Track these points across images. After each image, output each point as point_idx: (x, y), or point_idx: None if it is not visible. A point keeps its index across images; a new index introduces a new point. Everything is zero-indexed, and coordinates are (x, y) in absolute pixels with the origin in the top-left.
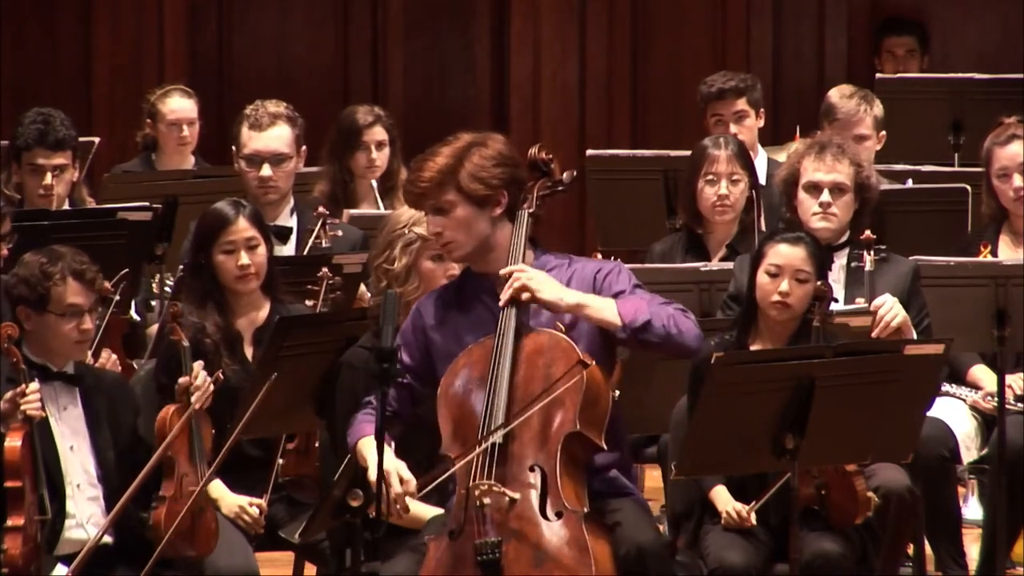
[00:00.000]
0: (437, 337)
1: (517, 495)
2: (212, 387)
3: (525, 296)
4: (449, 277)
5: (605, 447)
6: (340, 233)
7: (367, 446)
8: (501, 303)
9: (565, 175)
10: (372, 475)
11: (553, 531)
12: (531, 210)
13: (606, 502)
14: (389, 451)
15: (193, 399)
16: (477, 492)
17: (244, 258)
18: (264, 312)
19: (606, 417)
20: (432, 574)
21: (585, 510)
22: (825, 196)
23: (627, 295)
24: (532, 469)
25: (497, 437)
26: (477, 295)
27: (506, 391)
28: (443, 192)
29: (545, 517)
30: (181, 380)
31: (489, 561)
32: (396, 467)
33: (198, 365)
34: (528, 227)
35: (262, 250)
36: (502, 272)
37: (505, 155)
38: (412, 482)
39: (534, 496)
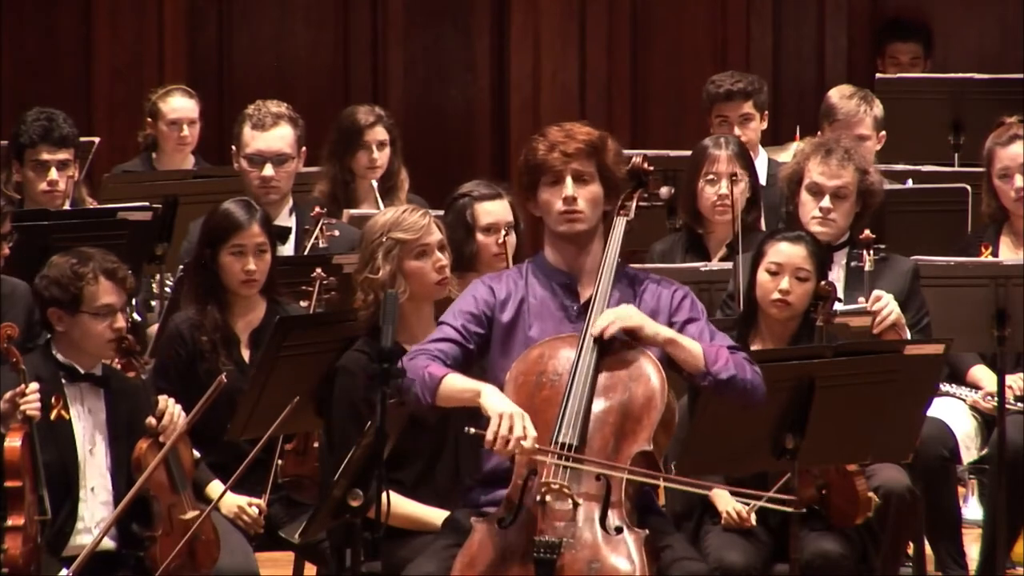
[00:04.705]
0: (503, 317)
1: (581, 501)
2: (184, 418)
3: (624, 327)
4: (439, 270)
5: (662, 468)
6: (337, 233)
7: (457, 380)
8: (596, 333)
9: (663, 191)
10: (492, 407)
11: (612, 545)
12: (628, 218)
13: (659, 529)
14: (497, 392)
15: (162, 437)
16: (545, 489)
17: (251, 263)
18: (260, 313)
19: (670, 438)
20: (476, 556)
21: (647, 532)
22: (826, 202)
23: (700, 325)
24: (598, 479)
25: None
26: (552, 287)
27: (586, 397)
28: (589, 162)
29: (605, 530)
30: (149, 420)
31: (546, 560)
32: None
33: (163, 399)
34: (622, 234)
35: (268, 256)
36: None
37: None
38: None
39: (596, 507)
